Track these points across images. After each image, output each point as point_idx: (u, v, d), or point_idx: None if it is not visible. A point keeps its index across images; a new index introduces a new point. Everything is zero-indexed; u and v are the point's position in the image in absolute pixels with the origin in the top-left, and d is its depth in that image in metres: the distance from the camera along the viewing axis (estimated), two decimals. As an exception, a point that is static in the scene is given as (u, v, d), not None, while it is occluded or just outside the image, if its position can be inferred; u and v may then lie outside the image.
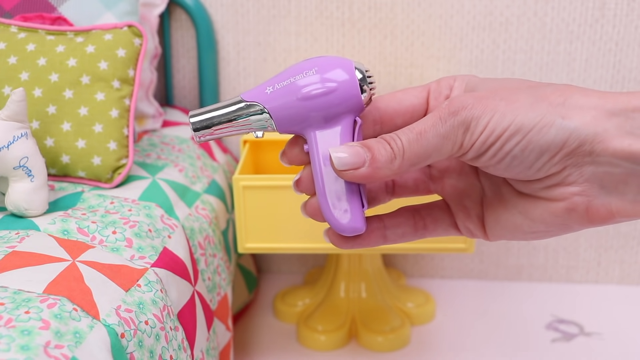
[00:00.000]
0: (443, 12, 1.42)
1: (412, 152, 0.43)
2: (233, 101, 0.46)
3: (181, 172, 1.19)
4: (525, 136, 0.40)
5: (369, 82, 0.46)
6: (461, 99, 0.42)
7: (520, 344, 1.36)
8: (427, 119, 0.43)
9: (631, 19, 1.40)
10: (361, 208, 0.47)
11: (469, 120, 0.41)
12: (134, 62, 1.10)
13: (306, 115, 0.45)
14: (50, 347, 0.66)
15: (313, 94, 0.45)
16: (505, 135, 0.41)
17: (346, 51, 1.46)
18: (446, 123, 0.42)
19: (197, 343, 0.96)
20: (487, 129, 0.41)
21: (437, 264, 1.60)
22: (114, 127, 1.06)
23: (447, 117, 0.42)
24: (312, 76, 0.45)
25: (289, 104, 0.45)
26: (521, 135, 0.40)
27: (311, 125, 0.46)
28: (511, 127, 0.40)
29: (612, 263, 1.57)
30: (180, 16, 1.46)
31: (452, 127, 0.42)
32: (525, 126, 0.40)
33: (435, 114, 0.43)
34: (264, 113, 0.46)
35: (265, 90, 0.46)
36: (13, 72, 1.06)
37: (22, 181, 0.93)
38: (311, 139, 0.46)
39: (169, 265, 0.94)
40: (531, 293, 1.55)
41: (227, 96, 1.52)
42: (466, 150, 0.42)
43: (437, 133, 0.42)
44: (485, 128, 0.41)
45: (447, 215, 0.49)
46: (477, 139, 0.41)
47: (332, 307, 1.39)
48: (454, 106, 0.42)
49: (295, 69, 0.46)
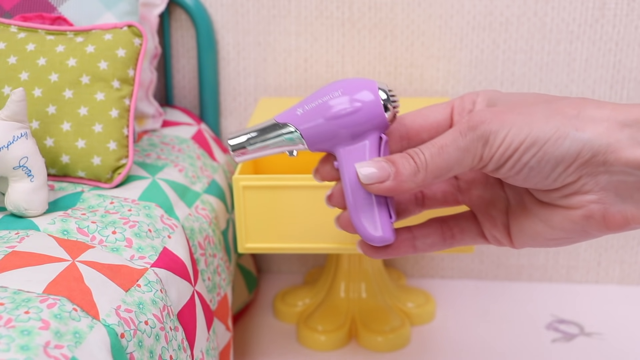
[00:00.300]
0: (443, 12, 1.42)
1: (434, 165, 0.45)
2: (268, 124, 0.50)
3: (181, 172, 1.19)
4: (541, 148, 0.42)
5: (392, 101, 0.49)
6: (480, 114, 0.44)
7: (520, 344, 1.36)
8: (448, 134, 0.46)
9: (631, 19, 1.40)
10: (389, 219, 0.50)
11: (488, 134, 0.44)
12: (134, 62, 1.10)
13: (334, 133, 0.49)
14: (50, 347, 0.66)
15: (340, 113, 0.48)
16: (522, 148, 0.43)
17: (346, 51, 1.46)
18: (466, 137, 0.44)
19: (197, 343, 0.96)
20: (505, 142, 0.43)
21: (437, 264, 1.60)
22: (114, 127, 1.06)
23: (467, 132, 0.44)
24: (339, 97, 0.48)
25: (318, 124, 0.49)
26: (537, 147, 0.42)
27: (340, 143, 0.49)
28: (527, 139, 0.42)
29: (612, 263, 1.57)
30: (180, 16, 1.46)
31: (472, 140, 0.44)
32: (541, 139, 0.42)
33: (456, 129, 0.45)
34: (296, 132, 0.49)
35: (297, 112, 0.49)
36: (13, 72, 1.06)
37: (21, 181, 0.93)
38: (340, 155, 0.49)
39: (169, 265, 0.94)
40: (531, 293, 1.55)
41: (227, 96, 1.52)
42: (486, 162, 0.44)
43: (458, 147, 0.45)
44: (503, 141, 0.43)
45: (474, 225, 0.52)
46: (495, 151, 0.44)
47: (332, 307, 1.39)
48: (474, 121, 0.44)
49: (323, 91, 0.49)
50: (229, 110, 1.52)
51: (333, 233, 1.14)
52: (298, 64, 1.47)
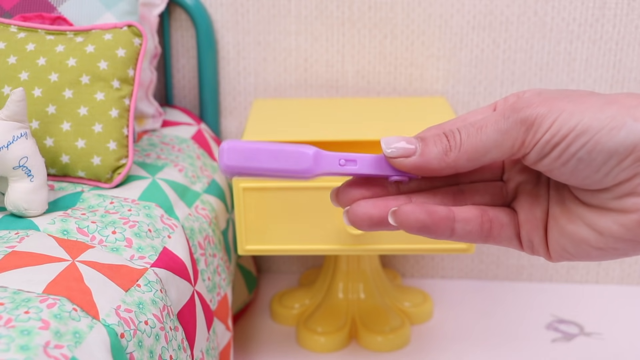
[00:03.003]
0: (443, 12, 1.42)
1: (470, 145, 0.42)
2: None
3: (181, 172, 1.19)
4: (593, 137, 0.38)
5: None
6: (527, 97, 0.41)
7: (520, 344, 1.36)
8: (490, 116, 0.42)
9: (631, 19, 1.40)
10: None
11: (533, 118, 0.40)
12: (133, 62, 1.10)
13: None
14: (50, 347, 0.66)
15: None
16: (572, 136, 0.39)
17: (346, 51, 1.45)
18: (508, 119, 0.41)
19: (197, 343, 0.96)
20: (552, 128, 0.39)
21: (437, 264, 1.60)
22: (114, 127, 1.06)
23: (509, 114, 0.41)
24: None
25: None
26: (588, 136, 0.39)
27: None
28: (578, 127, 0.39)
29: (612, 263, 1.57)
30: (180, 16, 1.46)
31: (514, 123, 0.41)
32: (593, 127, 0.38)
33: (499, 111, 0.42)
34: None
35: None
36: (13, 72, 1.06)
37: (21, 181, 0.93)
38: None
39: (169, 265, 0.94)
40: (531, 293, 1.55)
41: (227, 96, 1.52)
42: (528, 149, 0.41)
43: (498, 128, 0.41)
44: (550, 127, 0.40)
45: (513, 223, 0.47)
46: (540, 137, 0.40)
47: (331, 309, 1.39)
48: (519, 104, 0.41)
49: None
50: (229, 110, 1.52)
51: (333, 235, 1.14)
52: (298, 64, 1.47)
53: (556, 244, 0.44)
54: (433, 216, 0.45)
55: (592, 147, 0.39)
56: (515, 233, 0.47)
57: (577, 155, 0.39)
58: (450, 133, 0.43)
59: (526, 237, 0.47)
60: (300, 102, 1.43)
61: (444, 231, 0.45)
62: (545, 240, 0.46)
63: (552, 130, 0.39)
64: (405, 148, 0.44)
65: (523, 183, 0.48)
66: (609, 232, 0.41)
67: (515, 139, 0.41)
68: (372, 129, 1.25)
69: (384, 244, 1.14)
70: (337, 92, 1.49)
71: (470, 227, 0.46)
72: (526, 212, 0.47)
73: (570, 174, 0.40)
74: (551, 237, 0.45)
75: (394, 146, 0.44)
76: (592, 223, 0.42)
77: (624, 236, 0.41)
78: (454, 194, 0.49)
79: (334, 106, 1.38)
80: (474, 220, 0.46)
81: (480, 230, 0.46)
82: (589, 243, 0.42)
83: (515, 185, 0.48)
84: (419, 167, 0.44)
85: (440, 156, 0.43)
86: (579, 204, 0.43)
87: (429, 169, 0.44)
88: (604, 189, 0.41)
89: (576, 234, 0.43)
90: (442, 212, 0.45)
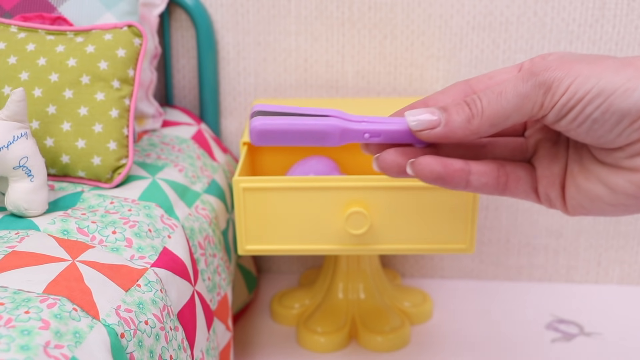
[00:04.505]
0: (443, 12, 1.42)
1: (491, 111, 0.44)
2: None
3: (181, 172, 1.19)
4: (607, 99, 0.40)
5: None
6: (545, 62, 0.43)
7: (520, 344, 1.36)
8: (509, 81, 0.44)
9: (631, 19, 1.40)
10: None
11: (551, 81, 0.42)
12: (133, 62, 1.10)
13: None
14: (50, 347, 0.66)
15: None
16: (587, 98, 0.41)
17: (346, 51, 1.46)
18: (527, 83, 0.43)
19: (197, 343, 0.96)
20: (569, 90, 0.41)
21: (436, 264, 1.60)
22: (114, 127, 1.06)
23: (528, 78, 0.43)
24: None
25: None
26: (602, 98, 0.40)
27: None
28: (593, 89, 0.40)
29: (612, 263, 1.57)
30: (180, 16, 1.46)
31: (533, 87, 0.42)
32: (608, 89, 0.40)
33: (518, 76, 0.43)
34: None
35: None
36: (13, 72, 1.06)
37: (22, 181, 0.93)
38: None
39: (169, 265, 0.94)
40: (531, 293, 1.55)
41: (227, 96, 1.52)
42: (546, 111, 0.42)
43: (518, 93, 0.43)
44: (567, 90, 0.41)
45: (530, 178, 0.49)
46: (558, 100, 0.42)
47: (331, 309, 1.39)
48: (537, 67, 0.43)
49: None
50: (229, 110, 1.52)
51: (333, 235, 1.14)
52: (298, 64, 1.47)
53: (573, 199, 0.46)
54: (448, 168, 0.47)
55: (606, 108, 0.40)
56: (532, 187, 0.49)
57: (592, 117, 0.41)
58: (472, 101, 0.45)
59: (543, 192, 0.48)
60: (300, 103, 1.43)
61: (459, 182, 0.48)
62: (562, 195, 0.47)
63: (569, 94, 0.41)
64: (429, 121, 0.46)
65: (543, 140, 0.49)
66: (621, 190, 0.43)
67: (535, 102, 0.43)
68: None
69: (384, 244, 1.14)
70: (337, 92, 1.49)
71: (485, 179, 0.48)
72: (544, 168, 0.49)
73: (586, 134, 0.42)
74: (568, 193, 0.47)
75: (419, 119, 0.46)
76: (606, 181, 0.43)
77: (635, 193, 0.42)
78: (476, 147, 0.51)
79: (334, 106, 1.39)
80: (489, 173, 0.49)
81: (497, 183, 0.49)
82: (603, 200, 0.44)
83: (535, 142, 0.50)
84: (444, 137, 0.46)
85: (464, 125, 0.45)
86: (596, 163, 0.44)
87: (453, 137, 0.46)
88: (617, 148, 0.42)
89: (592, 191, 0.44)
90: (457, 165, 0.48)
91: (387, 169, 0.49)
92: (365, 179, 1.10)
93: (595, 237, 1.55)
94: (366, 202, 1.11)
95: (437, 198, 1.11)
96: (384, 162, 0.49)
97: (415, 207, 1.12)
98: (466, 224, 1.12)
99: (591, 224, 1.54)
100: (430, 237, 1.14)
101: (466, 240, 1.14)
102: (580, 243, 1.56)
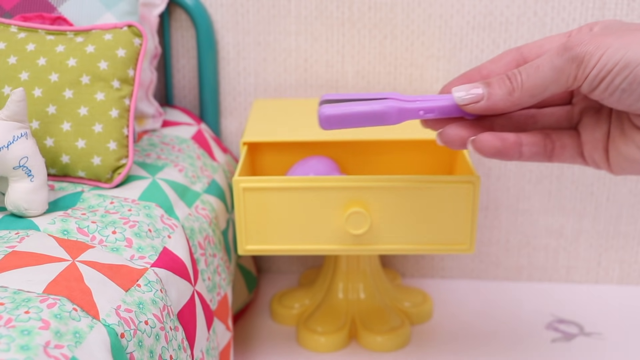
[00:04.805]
0: (443, 12, 1.42)
1: (530, 83, 0.48)
2: None
3: (181, 172, 1.19)
4: (633, 70, 0.43)
5: None
6: (579, 36, 0.46)
7: (520, 344, 1.36)
8: (546, 55, 0.48)
9: (631, 19, 1.40)
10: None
11: (583, 55, 0.45)
12: (134, 62, 1.10)
13: None
14: (50, 347, 0.66)
15: None
16: (616, 70, 0.44)
17: (346, 51, 1.46)
18: (562, 57, 0.46)
19: (197, 343, 0.96)
20: (599, 63, 0.44)
21: (436, 264, 1.60)
22: (114, 127, 1.06)
23: (563, 52, 0.46)
24: None
25: None
26: (629, 69, 0.43)
27: None
28: (621, 62, 0.43)
29: (612, 263, 1.57)
30: (180, 16, 1.46)
31: (567, 60, 0.46)
32: (634, 61, 0.43)
33: (554, 50, 0.47)
34: None
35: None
36: (13, 72, 1.06)
37: (22, 181, 0.93)
38: None
39: (169, 265, 0.94)
40: (531, 293, 1.55)
41: (227, 96, 1.52)
42: (580, 83, 0.46)
43: (554, 66, 0.47)
44: (597, 62, 0.44)
45: (575, 144, 0.54)
46: (589, 72, 0.45)
47: (331, 309, 1.39)
48: (571, 42, 0.46)
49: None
50: (229, 110, 1.52)
51: (333, 235, 1.14)
52: (298, 64, 1.47)
53: (615, 161, 0.50)
54: (505, 142, 0.52)
55: (633, 79, 0.44)
56: (578, 152, 0.53)
57: (620, 87, 0.44)
58: (512, 75, 0.49)
59: (589, 155, 0.53)
60: (300, 102, 1.43)
61: (514, 154, 0.53)
62: (606, 158, 0.52)
63: (599, 66, 0.45)
64: (474, 95, 0.50)
65: (587, 108, 0.54)
66: None
67: (569, 75, 0.46)
68: (372, 128, 1.26)
69: (384, 244, 1.14)
70: (337, 92, 1.49)
71: (536, 149, 0.53)
72: (588, 134, 0.53)
73: (617, 102, 0.46)
74: (611, 156, 0.51)
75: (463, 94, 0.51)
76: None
77: None
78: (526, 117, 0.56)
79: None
80: (538, 142, 0.53)
81: (544, 151, 0.53)
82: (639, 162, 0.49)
83: (580, 110, 0.54)
84: (488, 109, 0.50)
85: (506, 97, 0.49)
86: (633, 128, 0.48)
87: (497, 109, 0.50)
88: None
89: (629, 154, 0.49)
90: (512, 138, 0.53)
91: (450, 142, 0.54)
92: (365, 179, 1.10)
93: (595, 237, 1.55)
94: (366, 202, 1.11)
95: (437, 198, 1.11)
96: (448, 136, 0.54)
97: (415, 207, 1.12)
98: (466, 224, 1.12)
99: (591, 224, 1.54)
100: (430, 237, 1.14)
101: (466, 240, 1.14)
102: (580, 243, 1.56)
